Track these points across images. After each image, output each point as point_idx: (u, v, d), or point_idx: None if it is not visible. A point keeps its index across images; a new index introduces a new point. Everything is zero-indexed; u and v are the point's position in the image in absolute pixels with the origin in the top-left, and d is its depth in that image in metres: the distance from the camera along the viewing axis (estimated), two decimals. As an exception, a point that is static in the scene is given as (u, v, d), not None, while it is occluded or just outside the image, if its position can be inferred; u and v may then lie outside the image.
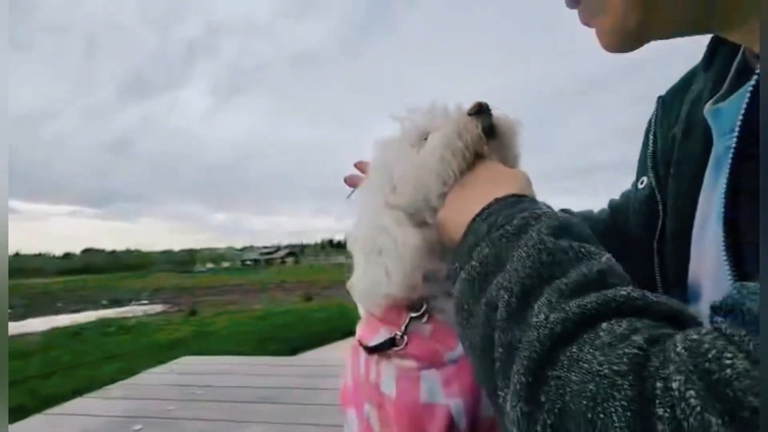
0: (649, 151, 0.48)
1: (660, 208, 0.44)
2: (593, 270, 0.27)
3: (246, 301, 18.99)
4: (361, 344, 0.65)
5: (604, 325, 0.24)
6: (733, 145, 0.33)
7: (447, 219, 0.49)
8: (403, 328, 0.59)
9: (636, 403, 0.21)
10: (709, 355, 0.20)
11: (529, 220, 0.32)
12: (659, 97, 0.48)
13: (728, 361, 0.19)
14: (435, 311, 0.60)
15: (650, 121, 0.49)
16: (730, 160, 0.32)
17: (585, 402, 0.22)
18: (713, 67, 0.41)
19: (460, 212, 0.42)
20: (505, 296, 0.28)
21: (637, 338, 0.22)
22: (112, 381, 2.14)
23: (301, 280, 29.35)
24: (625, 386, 0.21)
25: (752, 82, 0.30)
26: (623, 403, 0.21)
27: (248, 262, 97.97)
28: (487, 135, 0.53)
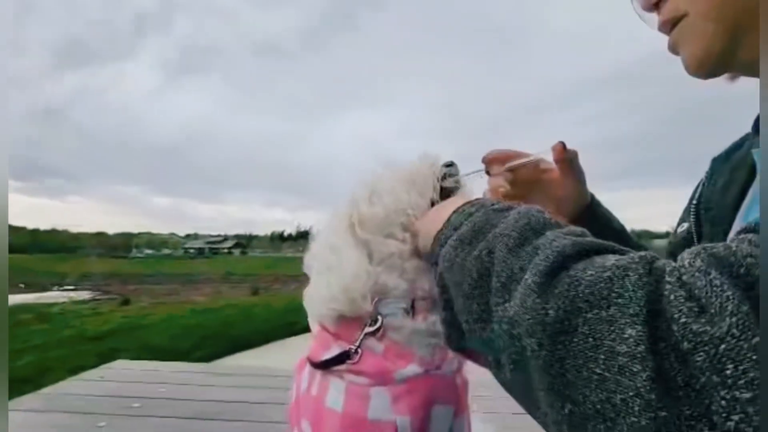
0: (693, 201, 0.51)
1: None
2: (576, 230, 0.31)
3: (187, 293, 18.05)
4: (310, 361, 0.64)
5: (609, 255, 0.27)
6: None
7: (423, 225, 0.53)
8: (357, 342, 0.60)
9: (648, 276, 0.23)
10: (717, 247, 0.23)
11: (509, 205, 0.38)
12: (712, 158, 0.52)
13: (734, 247, 0.22)
14: (390, 329, 0.60)
15: (700, 181, 0.53)
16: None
17: (600, 285, 0.23)
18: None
19: (436, 219, 0.45)
20: (504, 240, 0.32)
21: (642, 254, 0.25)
22: (24, 382, 1.89)
23: (248, 273, 28.41)
24: (639, 268, 0.24)
25: None
26: (636, 276, 0.23)
27: (191, 251, 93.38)
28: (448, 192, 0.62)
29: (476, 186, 0.62)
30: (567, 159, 0.58)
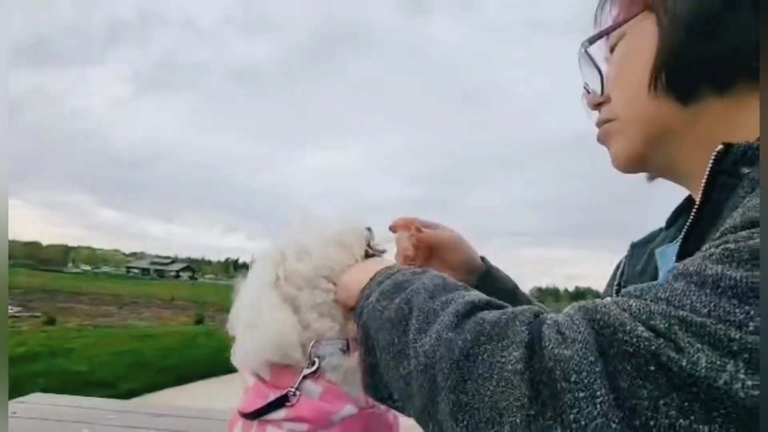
0: (615, 283, 0.56)
1: None
2: (479, 293, 0.39)
3: (124, 316, 16.64)
4: (243, 414, 0.63)
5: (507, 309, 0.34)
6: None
7: (346, 281, 0.59)
8: (296, 384, 0.61)
9: (533, 319, 0.31)
10: (587, 302, 0.30)
11: (424, 269, 0.46)
12: (631, 243, 0.58)
13: (597, 302, 0.29)
14: (327, 369, 0.62)
15: (621, 261, 0.58)
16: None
17: (499, 324, 0.31)
18: (676, 224, 0.50)
19: (359, 277, 0.51)
20: (422, 293, 0.39)
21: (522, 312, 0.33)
22: None
23: (194, 300, 26.77)
24: (527, 314, 0.31)
25: (688, 222, 0.39)
26: (524, 318, 0.31)
27: (135, 271, 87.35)
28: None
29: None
30: (438, 231, 0.68)
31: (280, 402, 0.60)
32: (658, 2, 0.41)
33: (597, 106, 0.49)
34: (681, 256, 0.38)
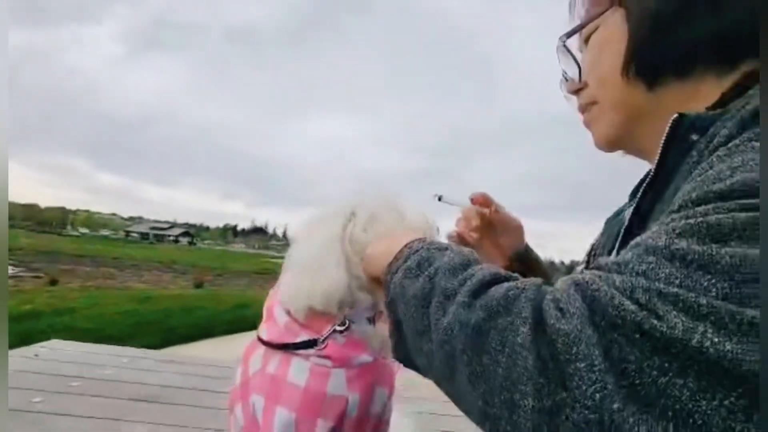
0: (589, 254, 0.60)
1: None
2: (492, 266, 0.41)
3: (124, 279, 16.93)
4: (270, 343, 0.75)
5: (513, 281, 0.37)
6: (623, 228, 0.46)
7: (374, 254, 0.59)
8: (326, 334, 0.72)
9: (535, 293, 0.33)
10: (577, 276, 0.33)
11: (446, 245, 0.48)
12: (606, 219, 0.63)
13: (586, 276, 0.32)
14: (354, 329, 0.73)
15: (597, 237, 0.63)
16: (620, 238, 0.46)
17: (505, 299, 0.34)
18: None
19: (386, 251, 0.53)
20: (441, 271, 0.41)
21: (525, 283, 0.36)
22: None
23: (193, 265, 27.12)
24: (530, 289, 0.34)
25: (646, 181, 0.44)
26: (527, 294, 0.33)
27: (134, 235, 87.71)
28: None
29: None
30: (503, 213, 0.73)
31: (311, 343, 0.72)
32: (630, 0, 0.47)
33: (575, 91, 0.55)
34: (637, 210, 0.44)
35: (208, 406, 1.21)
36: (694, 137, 0.38)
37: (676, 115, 0.39)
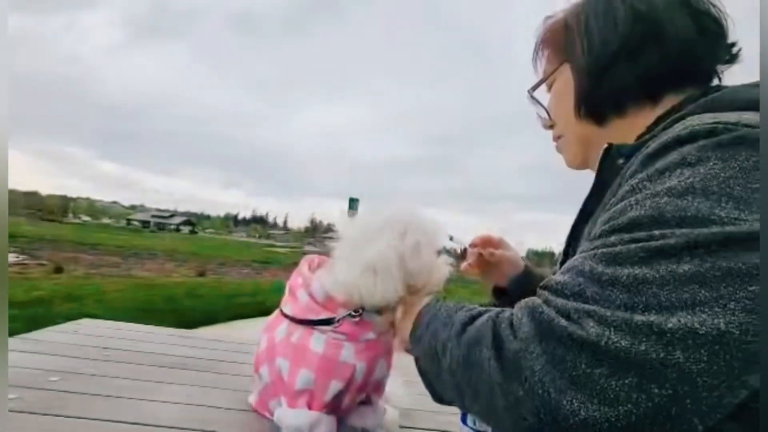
0: (563, 251, 0.66)
1: None
2: (471, 307, 0.53)
3: (128, 266, 17.15)
4: (293, 318, 0.91)
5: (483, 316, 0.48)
6: (572, 224, 0.57)
7: (404, 320, 0.74)
8: (341, 316, 0.87)
9: (494, 321, 0.44)
10: (529, 300, 0.43)
11: (444, 308, 0.59)
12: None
13: (536, 300, 0.42)
14: (366, 316, 0.88)
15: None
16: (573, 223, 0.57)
17: (476, 334, 0.45)
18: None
19: (409, 317, 0.68)
20: (439, 330, 0.54)
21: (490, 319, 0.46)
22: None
23: (195, 253, 27.35)
24: (491, 320, 0.45)
25: (587, 195, 0.54)
26: (490, 324, 0.44)
27: (136, 223, 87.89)
28: None
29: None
30: (501, 250, 0.90)
31: (329, 321, 0.88)
32: (571, 57, 0.60)
33: (549, 127, 0.69)
34: (581, 212, 0.56)
35: (226, 372, 1.36)
36: (620, 162, 0.49)
37: (606, 145, 0.52)
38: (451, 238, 0.90)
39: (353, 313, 0.87)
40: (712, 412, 0.33)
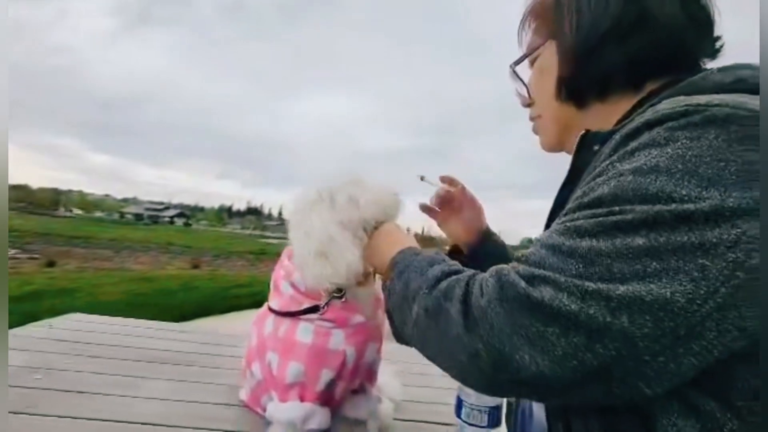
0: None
1: None
2: (449, 261, 0.55)
3: (121, 260, 17.04)
4: (279, 312, 0.89)
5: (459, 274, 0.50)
6: (551, 209, 0.55)
7: (372, 247, 0.76)
8: (325, 301, 0.85)
9: (468, 280, 0.46)
10: (501, 267, 0.44)
11: (420, 252, 0.61)
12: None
13: (505, 268, 0.43)
14: (350, 296, 0.87)
15: None
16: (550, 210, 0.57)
17: (447, 288, 0.47)
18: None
19: (385, 251, 0.68)
20: (414, 274, 0.55)
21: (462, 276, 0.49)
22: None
23: (189, 246, 27.21)
24: (465, 278, 0.47)
25: (564, 178, 0.53)
26: (462, 282, 0.46)
27: (129, 216, 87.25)
28: None
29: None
30: (467, 194, 0.88)
31: (314, 309, 0.86)
32: (558, 35, 0.57)
33: (527, 105, 0.67)
34: (557, 199, 0.56)
35: (220, 367, 1.34)
36: (596, 147, 0.49)
37: (583, 132, 0.51)
38: (422, 178, 0.87)
39: (335, 295, 0.85)
40: (658, 378, 0.36)
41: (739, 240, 0.33)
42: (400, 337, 0.60)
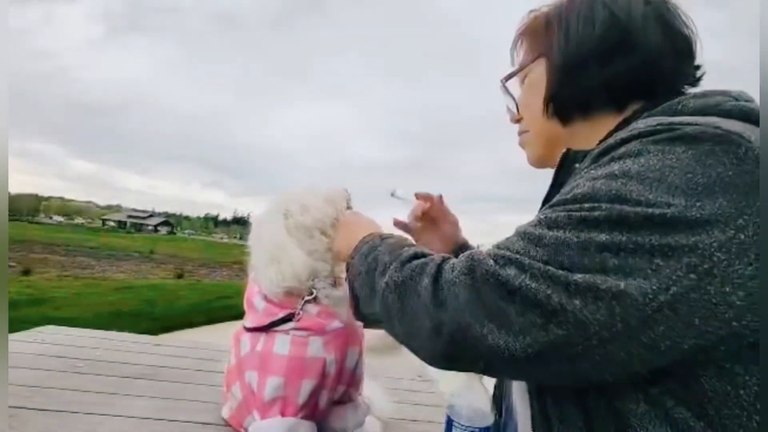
0: None
1: None
2: (415, 246, 0.58)
3: (102, 268, 16.60)
4: (254, 329, 0.87)
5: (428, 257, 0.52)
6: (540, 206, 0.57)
7: (340, 237, 0.79)
8: (299, 307, 0.85)
9: (440, 263, 0.48)
10: (473, 251, 0.46)
11: (389, 236, 0.64)
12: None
13: (475, 252, 0.46)
14: (322, 297, 0.86)
15: None
16: None
17: (420, 266, 0.49)
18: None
19: (349, 237, 0.70)
20: (382, 253, 0.57)
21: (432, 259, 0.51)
22: None
23: (173, 254, 26.70)
24: (438, 259, 0.49)
25: (546, 192, 0.57)
26: (434, 262, 0.48)
27: (111, 223, 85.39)
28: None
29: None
30: (443, 207, 0.89)
31: (288, 318, 0.85)
32: (548, 52, 0.59)
33: (516, 121, 0.68)
34: (539, 214, 0.57)
35: (201, 383, 1.30)
36: (577, 165, 0.52)
37: (565, 150, 0.55)
38: (392, 194, 0.89)
39: (307, 298, 0.85)
40: (605, 365, 0.38)
41: (696, 246, 0.36)
42: (362, 316, 0.61)
